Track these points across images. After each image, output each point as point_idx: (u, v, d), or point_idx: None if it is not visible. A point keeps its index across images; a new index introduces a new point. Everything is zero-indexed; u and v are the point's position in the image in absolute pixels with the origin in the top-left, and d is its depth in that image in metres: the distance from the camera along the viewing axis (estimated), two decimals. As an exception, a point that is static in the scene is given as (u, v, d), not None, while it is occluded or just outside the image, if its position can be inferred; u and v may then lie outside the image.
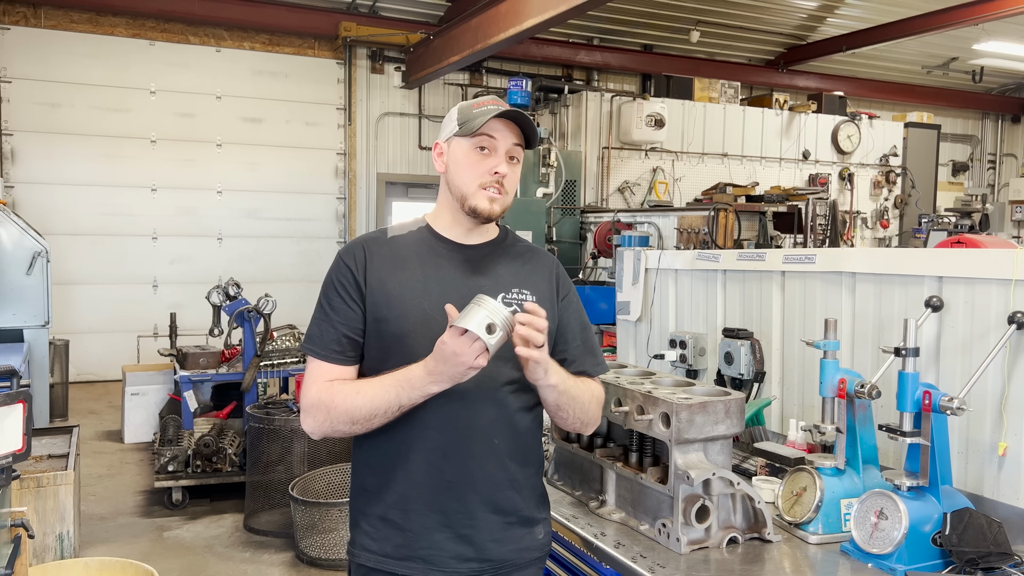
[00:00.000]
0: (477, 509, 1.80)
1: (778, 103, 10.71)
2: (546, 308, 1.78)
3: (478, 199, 1.83)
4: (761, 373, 3.04)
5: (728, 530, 2.06)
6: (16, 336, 6.26)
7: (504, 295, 1.84)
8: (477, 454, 1.79)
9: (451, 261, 1.88)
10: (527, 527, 1.87)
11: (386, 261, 1.85)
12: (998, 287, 2.26)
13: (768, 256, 3.14)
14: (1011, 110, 15.64)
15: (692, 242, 6.81)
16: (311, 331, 1.85)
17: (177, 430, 5.74)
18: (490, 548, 1.81)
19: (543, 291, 1.91)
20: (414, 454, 1.79)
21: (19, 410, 2.42)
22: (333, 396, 1.76)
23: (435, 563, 1.78)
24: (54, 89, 9.32)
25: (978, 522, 1.89)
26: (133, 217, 9.76)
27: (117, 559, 3.63)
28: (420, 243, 1.90)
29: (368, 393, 1.74)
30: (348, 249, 1.88)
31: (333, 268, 1.87)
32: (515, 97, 8.75)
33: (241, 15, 9.83)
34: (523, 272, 1.92)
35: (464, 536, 1.79)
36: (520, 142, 1.85)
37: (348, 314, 1.81)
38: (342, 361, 1.82)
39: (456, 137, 1.85)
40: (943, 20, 9.84)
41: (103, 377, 9.37)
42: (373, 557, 1.81)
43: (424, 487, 1.79)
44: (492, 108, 1.82)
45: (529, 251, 2.00)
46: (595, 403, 1.89)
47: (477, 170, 1.83)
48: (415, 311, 1.80)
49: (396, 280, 1.83)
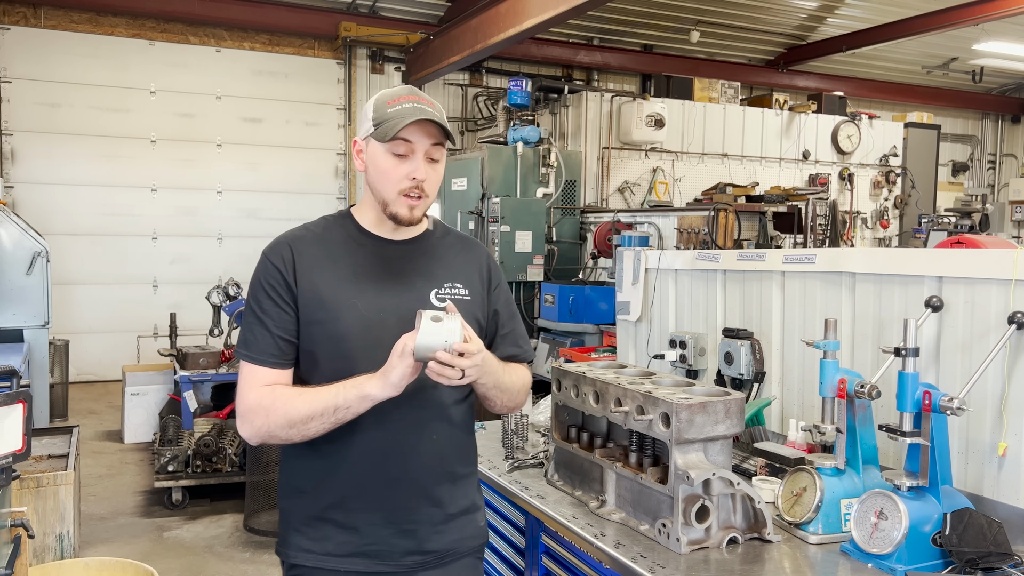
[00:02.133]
0: (419, 503, 1.82)
1: (778, 103, 10.71)
2: (477, 301, 1.90)
3: (398, 206, 1.80)
4: (761, 373, 3.03)
5: (728, 530, 2.06)
6: (16, 336, 6.27)
7: (436, 291, 1.86)
8: (417, 450, 1.82)
9: (382, 258, 1.86)
10: (467, 516, 1.91)
11: (316, 261, 1.81)
12: (998, 287, 2.26)
13: (768, 256, 3.13)
14: (1011, 110, 15.64)
15: (692, 242, 6.81)
16: (245, 336, 1.80)
17: (177, 430, 5.75)
18: (433, 540, 1.84)
19: (474, 283, 1.93)
20: (354, 454, 1.79)
21: (19, 410, 2.42)
22: (274, 400, 1.73)
23: (380, 558, 1.80)
24: (54, 89, 9.33)
25: (978, 522, 1.89)
26: (133, 217, 9.76)
27: (117, 559, 3.64)
28: (349, 240, 1.87)
29: (308, 396, 1.72)
30: (274, 249, 1.83)
31: (260, 269, 1.82)
32: (515, 97, 8.75)
33: (241, 15, 9.83)
34: (454, 265, 1.92)
35: (407, 531, 1.81)
36: (439, 140, 1.80)
37: (282, 317, 1.78)
38: (279, 365, 1.78)
39: (372, 139, 1.80)
40: (943, 20, 9.84)
41: (103, 377, 9.37)
42: (313, 556, 1.81)
43: (366, 486, 1.79)
44: (407, 108, 1.76)
45: (460, 243, 1.99)
46: (524, 390, 1.96)
47: (395, 176, 1.78)
48: (350, 312, 1.78)
49: (328, 281, 1.80)
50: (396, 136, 1.75)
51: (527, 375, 2.00)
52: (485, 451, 2.90)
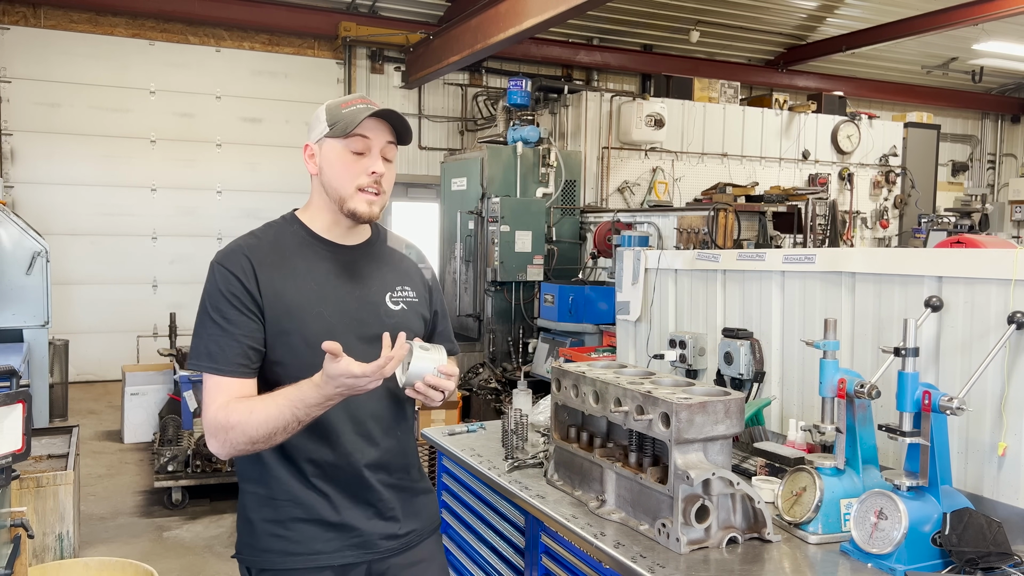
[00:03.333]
0: (394, 492, 1.93)
1: (778, 103, 10.70)
2: (423, 301, 2.02)
3: (356, 202, 1.84)
4: (761, 373, 3.03)
5: (728, 530, 2.06)
6: (16, 336, 6.27)
7: (390, 294, 1.95)
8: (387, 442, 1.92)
9: (337, 264, 1.90)
10: (426, 495, 2.06)
11: (275, 270, 1.82)
12: (998, 287, 2.26)
13: (768, 256, 3.13)
14: (1011, 110, 15.64)
15: (692, 242, 6.81)
16: (207, 348, 1.75)
17: (177, 430, 5.75)
18: (409, 521, 1.97)
19: (419, 285, 2.04)
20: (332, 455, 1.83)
21: (19, 410, 2.42)
22: (229, 418, 1.70)
23: (367, 547, 1.89)
24: (54, 89, 9.33)
25: (978, 522, 1.89)
26: (133, 217, 9.76)
27: (117, 559, 3.63)
28: (303, 247, 1.88)
29: (261, 415, 1.69)
30: (228, 258, 1.81)
31: (218, 279, 1.78)
32: (515, 97, 8.74)
33: (241, 15, 9.83)
34: (401, 269, 2.02)
35: (391, 518, 1.93)
36: (393, 140, 1.86)
37: (249, 325, 1.77)
38: (245, 374, 1.77)
39: (328, 139, 1.84)
40: (943, 20, 9.84)
41: (103, 377, 9.37)
42: (302, 558, 1.84)
43: (348, 483, 1.86)
44: (363, 107, 1.82)
45: (399, 246, 2.07)
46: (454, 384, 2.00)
47: (352, 171, 1.83)
48: (315, 320, 1.81)
49: (291, 289, 1.81)
50: (354, 132, 1.79)
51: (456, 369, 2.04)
52: (485, 451, 2.90)
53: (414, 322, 1.97)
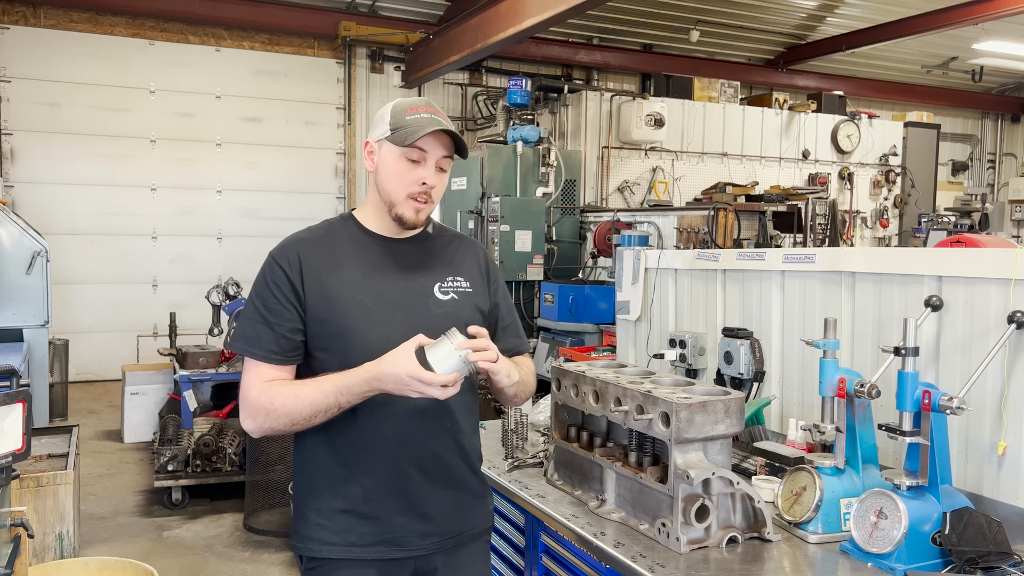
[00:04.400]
0: (435, 489, 1.90)
1: (778, 103, 10.71)
2: (479, 292, 1.99)
3: (405, 208, 1.88)
4: (761, 373, 3.03)
5: (728, 529, 2.06)
6: (16, 336, 6.27)
7: (440, 284, 1.94)
8: (432, 438, 1.89)
9: (385, 256, 1.93)
10: (477, 499, 2.00)
11: (321, 262, 1.88)
12: (998, 286, 2.26)
13: (768, 256, 3.13)
14: (1011, 109, 15.63)
15: (692, 242, 6.81)
16: (246, 332, 1.85)
17: (177, 430, 5.74)
18: (449, 522, 1.93)
19: (475, 277, 2.01)
20: (371, 447, 1.86)
21: (19, 410, 2.42)
22: (272, 399, 1.79)
23: (401, 544, 1.88)
24: (54, 89, 9.33)
25: (978, 521, 1.89)
26: (133, 217, 9.76)
27: (117, 559, 3.63)
28: (352, 240, 1.94)
29: (307, 398, 1.77)
30: (280, 252, 1.89)
31: (266, 270, 1.88)
32: (515, 97, 8.74)
33: (241, 15, 9.83)
34: (455, 260, 2.00)
35: (424, 515, 1.89)
36: (449, 153, 1.89)
37: (285, 315, 1.83)
38: (280, 362, 1.84)
39: (387, 141, 1.87)
40: (943, 20, 9.84)
41: (103, 377, 9.37)
42: (338, 548, 1.86)
43: (385, 476, 1.86)
44: (426, 119, 1.84)
45: (457, 239, 2.08)
46: (533, 378, 2.05)
47: (405, 179, 1.86)
48: (357, 308, 1.85)
49: (334, 280, 1.86)
50: (414, 144, 1.83)
51: (532, 364, 2.09)
52: (485, 451, 2.88)
53: (466, 312, 1.94)
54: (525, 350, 2.10)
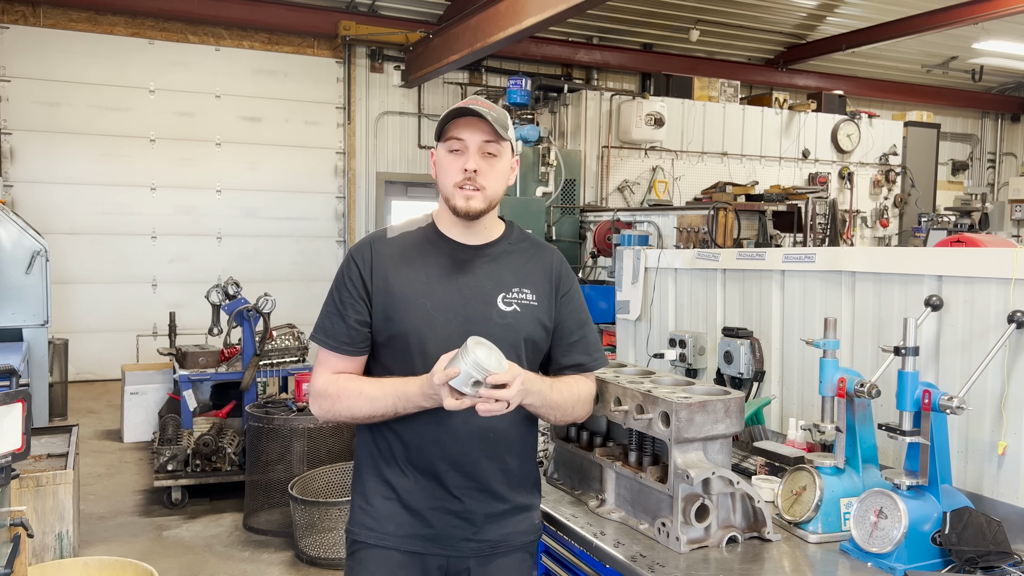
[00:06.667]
0: (478, 497, 1.92)
1: (778, 102, 10.71)
2: (544, 305, 1.97)
3: (455, 199, 1.91)
4: (761, 372, 3.03)
5: (727, 529, 2.06)
6: (15, 335, 6.26)
7: (504, 295, 1.93)
8: (476, 448, 1.91)
9: (453, 260, 1.95)
10: (522, 512, 2.01)
11: (391, 261, 1.94)
12: (998, 286, 2.26)
13: (768, 255, 3.13)
14: (1011, 109, 15.63)
15: (692, 241, 6.81)
16: (323, 322, 1.96)
17: (176, 429, 5.74)
18: (489, 530, 1.95)
19: (542, 289, 1.99)
20: (421, 451, 1.90)
21: (18, 409, 2.41)
22: (339, 392, 1.90)
23: (437, 542, 1.93)
24: (53, 88, 9.32)
25: (977, 521, 1.89)
26: (132, 216, 9.75)
27: (116, 558, 3.63)
28: (424, 242, 1.98)
29: (369, 397, 1.87)
30: (358, 247, 1.99)
31: (344, 264, 1.98)
32: (515, 96, 8.74)
33: (240, 14, 9.82)
34: (524, 271, 1.99)
35: (466, 519, 1.92)
36: (491, 138, 1.90)
37: (356, 308, 1.92)
38: (350, 353, 1.93)
39: (437, 143, 1.96)
40: (943, 19, 9.84)
41: (102, 376, 9.37)
42: (375, 535, 1.94)
43: (432, 476, 1.91)
44: (454, 109, 1.91)
45: (533, 248, 2.05)
46: (580, 403, 2.01)
47: (449, 171, 1.92)
48: (418, 310, 1.89)
49: (400, 279, 1.92)
50: (448, 135, 1.90)
51: (585, 386, 2.04)
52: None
53: (527, 325, 1.94)
54: (594, 367, 2.05)
